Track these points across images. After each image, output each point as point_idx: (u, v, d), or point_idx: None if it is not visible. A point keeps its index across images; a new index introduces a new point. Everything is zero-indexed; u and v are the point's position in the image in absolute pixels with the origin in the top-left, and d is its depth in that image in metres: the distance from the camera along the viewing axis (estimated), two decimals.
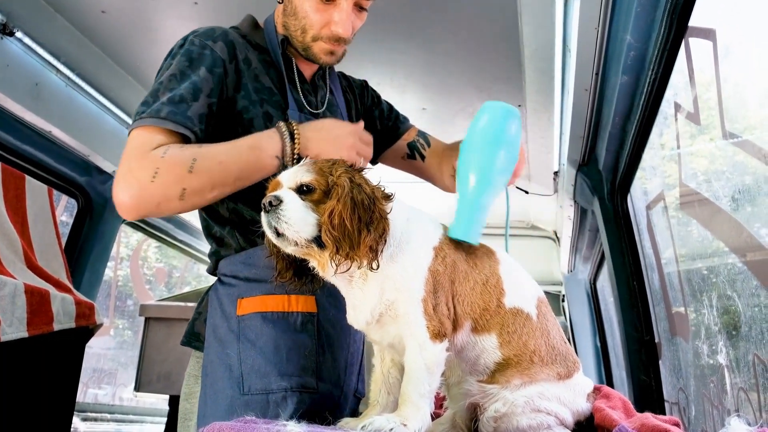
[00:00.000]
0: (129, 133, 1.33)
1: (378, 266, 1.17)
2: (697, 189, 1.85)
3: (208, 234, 1.58)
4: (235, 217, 1.51)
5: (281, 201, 1.16)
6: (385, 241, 1.18)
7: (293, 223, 1.15)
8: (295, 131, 1.37)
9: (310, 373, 1.39)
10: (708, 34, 1.62)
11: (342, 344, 1.48)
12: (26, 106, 2.61)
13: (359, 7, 1.51)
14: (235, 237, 1.51)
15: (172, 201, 1.26)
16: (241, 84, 1.46)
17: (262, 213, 1.19)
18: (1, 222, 2.05)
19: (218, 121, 1.43)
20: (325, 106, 1.62)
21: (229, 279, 1.48)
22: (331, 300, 1.45)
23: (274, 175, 1.29)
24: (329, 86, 1.67)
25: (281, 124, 1.39)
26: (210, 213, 1.56)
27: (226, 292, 1.47)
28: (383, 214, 1.18)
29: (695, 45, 1.72)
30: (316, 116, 1.56)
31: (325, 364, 1.40)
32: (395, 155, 1.80)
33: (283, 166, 1.34)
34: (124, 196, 1.25)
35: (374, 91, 1.84)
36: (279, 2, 1.57)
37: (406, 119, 1.83)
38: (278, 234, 1.18)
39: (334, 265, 1.16)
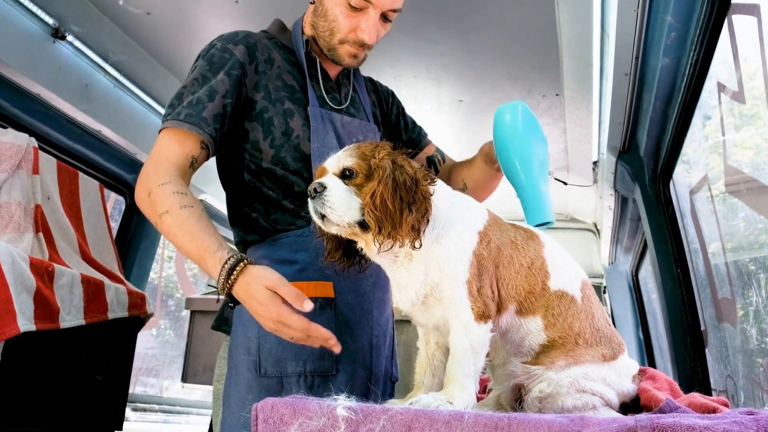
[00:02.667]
0: (159, 132, 1.49)
1: (420, 245, 1.19)
2: (743, 170, 1.81)
3: (235, 221, 1.63)
4: (260, 201, 1.56)
5: (325, 187, 1.21)
6: (428, 221, 1.20)
7: (337, 207, 1.19)
8: (237, 268, 1.29)
9: (326, 358, 1.44)
10: (752, 9, 1.59)
11: (363, 327, 1.52)
12: (77, 106, 2.73)
13: (385, 18, 1.58)
14: (259, 222, 1.56)
15: (152, 219, 1.42)
16: (260, 84, 1.55)
17: (309, 199, 1.23)
18: (57, 216, 2.15)
19: (238, 120, 1.53)
20: (348, 102, 1.69)
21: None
22: (350, 285, 1.50)
23: None
24: (353, 84, 1.75)
25: (227, 257, 1.31)
26: (235, 197, 1.62)
27: None
28: (426, 195, 1.20)
29: (738, 21, 1.68)
30: (339, 111, 1.63)
31: (344, 347, 1.41)
32: None
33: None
34: (137, 189, 1.45)
35: (400, 102, 1.92)
36: (311, 2, 1.65)
37: (426, 134, 1.91)
38: (323, 218, 1.22)
39: (377, 244, 1.19)
